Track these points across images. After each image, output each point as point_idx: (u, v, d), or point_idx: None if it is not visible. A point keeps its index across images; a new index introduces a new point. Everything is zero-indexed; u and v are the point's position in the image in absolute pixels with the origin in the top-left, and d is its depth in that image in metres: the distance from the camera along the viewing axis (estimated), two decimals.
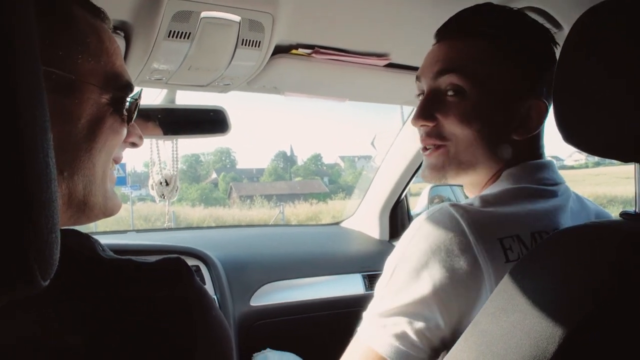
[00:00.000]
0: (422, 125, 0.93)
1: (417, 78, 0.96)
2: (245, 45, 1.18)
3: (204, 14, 1.07)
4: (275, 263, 1.91)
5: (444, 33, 0.93)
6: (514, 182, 0.87)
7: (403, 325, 0.77)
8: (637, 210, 0.73)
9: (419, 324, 0.76)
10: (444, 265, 0.76)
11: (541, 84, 0.89)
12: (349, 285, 1.92)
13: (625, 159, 0.72)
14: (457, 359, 0.72)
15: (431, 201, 2.31)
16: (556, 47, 0.93)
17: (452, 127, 0.89)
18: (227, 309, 1.64)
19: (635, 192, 0.75)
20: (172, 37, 1.10)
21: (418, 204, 2.35)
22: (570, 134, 0.74)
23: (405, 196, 2.25)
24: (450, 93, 0.89)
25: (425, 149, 0.95)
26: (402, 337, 0.77)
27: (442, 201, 2.27)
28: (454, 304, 0.76)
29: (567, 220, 0.86)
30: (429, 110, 0.91)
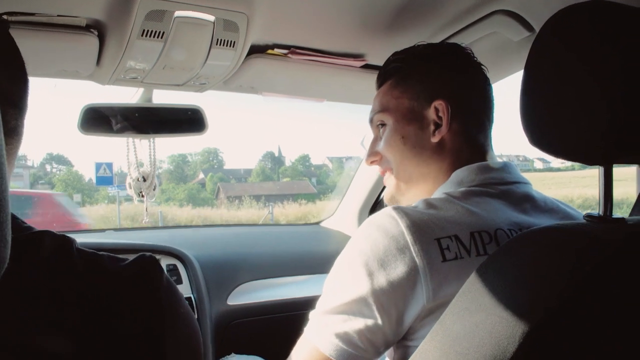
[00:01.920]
0: (371, 163, 1.11)
1: None
2: (220, 45, 1.18)
3: (177, 13, 1.06)
4: (254, 262, 1.90)
5: (376, 87, 1.12)
6: (457, 184, 0.95)
7: (344, 323, 0.81)
8: (600, 213, 0.74)
9: (359, 323, 0.80)
10: (382, 265, 0.80)
11: (442, 88, 1.01)
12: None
13: (590, 162, 0.73)
14: (422, 358, 0.72)
15: None
16: (463, 59, 1.05)
17: (385, 152, 1.06)
18: (204, 308, 1.63)
19: (599, 195, 0.75)
20: (146, 36, 1.10)
21: None
22: (536, 137, 0.75)
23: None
24: (380, 130, 1.07)
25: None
26: (343, 336, 0.80)
27: None
28: (392, 303, 0.79)
29: (520, 217, 0.89)
30: (372, 149, 1.10)
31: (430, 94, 1.00)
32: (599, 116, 0.67)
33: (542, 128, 0.75)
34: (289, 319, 1.77)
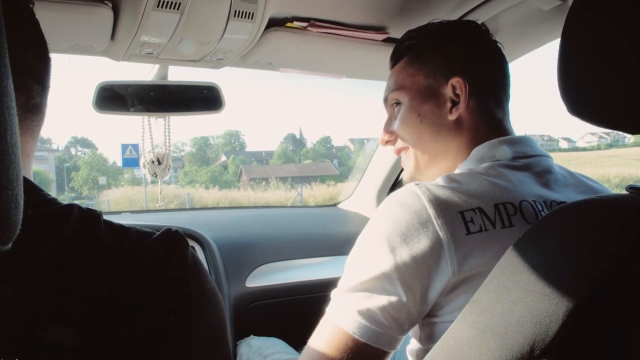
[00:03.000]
0: (386, 142, 1.10)
1: None
2: (238, 17, 1.14)
3: None
4: (272, 244, 1.89)
5: (390, 65, 1.11)
6: (478, 160, 0.94)
7: (366, 300, 0.80)
8: None
9: (382, 300, 0.79)
10: (404, 240, 0.79)
11: (459, 64, 1.00)
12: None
13: (631, 130, 0.70)
14: (455, 338, 0.70)
15: None
16: (478, 33, 1.04)
17: (401, 131, 1.05)
18: (222, 290, 1.62)
19: None
20: (162, 7, 1.06)
21: None
22: (575, 105, 0.72)
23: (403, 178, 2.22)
24: (395, 108, 1.06)
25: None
26: (366, 312, 0.79)
27: None
28: (415, 278, 0.78)
29: (543, 190, 0.89)
30: (387, 128, 1.09)
31: (447, 71, 0.99)
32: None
33: (581, 96, 0.72)
34: (308, 301, 1.76)
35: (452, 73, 0.98)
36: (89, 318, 0.51)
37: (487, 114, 0.99)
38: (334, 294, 0.86)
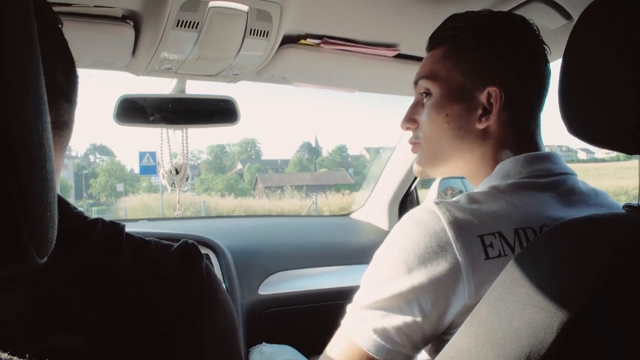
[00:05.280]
0: (406, 128, 1.04)
1: None
2: (254, 35, 1.18)
3: (212, 3, 1.07)
4: (285, 253, 1.92)
5: (426, 47, 1.04)
6: (503, 177, 0.90)
7: (382, 319, 0.79)
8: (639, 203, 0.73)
9: (397, 319, 0.79)
10: (422, 262, 0.78)
11: (500, 73, 0.93)
12: (358, 276, 1.91)
13: (629, 151, 0.72)
14: (456, 348, 0.72)
15: (443, 193, 2.29)
16: (527, 39, 0.96)
17: (424, 126, 0.99)
18: (236, 297, 1.65)
19: (639, 185, 0.74)
20: (181, 26, 1.11)
21: (428, 196, 2.34)
22: (575, 126, 0.74)
23: (415, 188, 2.24)
24: (424, 97, 1.00)
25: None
26: (381, 331, 0.79)
27: (454, 192, 2.26)
28: (432, 300, 0.78)
29: (566, 212, 0.85)
30: (410, 115, 1.03)
31: (486, 76, 0.93)
32: (638, 105, 0.66)
33: (581, 116, 0.74)
34: (320, 309, 1.79)
35: (490, 80, 0.92)
36: (109, 327, 0.54)
37: (518, 127, 0.94)
38: (349, 308, 0.86)
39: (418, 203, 2.28)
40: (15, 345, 0.44)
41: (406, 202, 2.23)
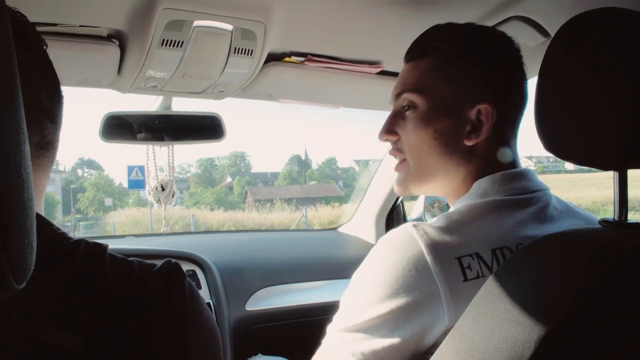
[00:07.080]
0: (385, 139, 1.00)
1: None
2: (238, 53, 1.20)
3: (196, 23, 1.09)
4: (272, 268, 1.91)
5: (405, 56, 1.00)
6: (481, 195, 0.89)
7: (360, 343, 0.79)
8: (615, 218, 0.74)
9: (376, 343, 0.78)
10: (401, 286, 0.77)
11: (491, 90, 0.91)
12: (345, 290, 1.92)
13: (604, 167, 0.73)
14: None
15: (429, 207, 2.31)
16: (515, 56, 0.95)
17: (408, 139, 0.95)
18: (223, 314, 1.64)
19: (614, 200, 0.76)
20: (166, 45, 1.12)
21: (415, 209, 2.36)
22: (550, 142, 0.75)
23: (402, 201, 2.26)
24: (407, 109, 0.95)
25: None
26: (359, 355, 0.79)
27: (441, 206, 2.27)
28: (411, 325, 0.77)
29: (542, 229, 0.85)
30: (390, 126, 0.98)
31: (477, 92, 0.91)
32: (613, 122, 0.67)
33: (556, 133, 0.75)
34: (308, 324, 1.78)
35: (481, 97, 0.90)
36: (93, 345, 0.54)
37: (502, 143, 0.93)
38: (329, 329, 0.86)
39: (405, 216, 2.29)
40: None
41: (393, 215, 2.24)
